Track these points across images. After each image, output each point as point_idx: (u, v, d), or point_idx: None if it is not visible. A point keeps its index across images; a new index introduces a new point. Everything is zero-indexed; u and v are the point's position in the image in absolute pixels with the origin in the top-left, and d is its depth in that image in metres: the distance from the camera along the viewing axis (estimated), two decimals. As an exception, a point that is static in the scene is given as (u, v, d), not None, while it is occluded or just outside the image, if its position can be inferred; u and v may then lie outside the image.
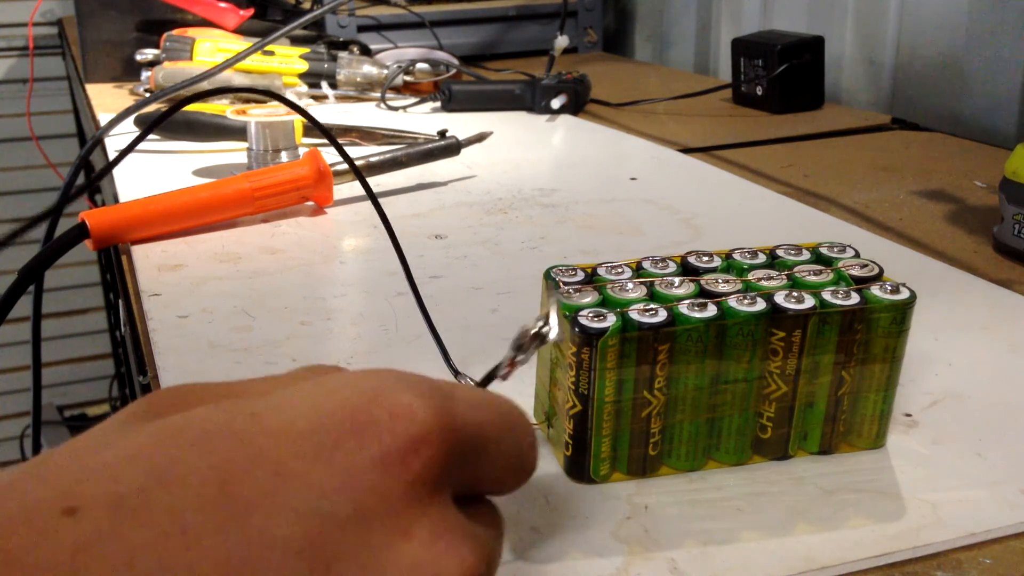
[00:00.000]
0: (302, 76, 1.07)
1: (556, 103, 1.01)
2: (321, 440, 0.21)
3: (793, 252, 0.39)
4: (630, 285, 0.36)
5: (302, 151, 0.74)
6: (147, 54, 1.08)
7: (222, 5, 1.14)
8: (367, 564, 0.20)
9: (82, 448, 0.21)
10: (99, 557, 0.18)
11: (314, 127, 0.62)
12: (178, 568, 0.19)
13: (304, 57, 1.07)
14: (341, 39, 1.18)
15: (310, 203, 0.69)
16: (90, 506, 0.19)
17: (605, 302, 0.35)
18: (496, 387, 0.40)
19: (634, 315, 0.33)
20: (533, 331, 0.30)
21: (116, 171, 0.79)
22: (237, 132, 0.80)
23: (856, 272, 0.37)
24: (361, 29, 1.35)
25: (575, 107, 1.02)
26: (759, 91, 1.04)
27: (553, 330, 0.30)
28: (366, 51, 1.16)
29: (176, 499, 0.19)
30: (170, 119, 0.81)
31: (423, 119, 1.00)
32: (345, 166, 0.69)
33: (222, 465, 0.20)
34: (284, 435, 0.21)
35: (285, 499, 0.20)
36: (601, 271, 0.37)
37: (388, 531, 0.21)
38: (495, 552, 0.23)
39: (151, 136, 0.86)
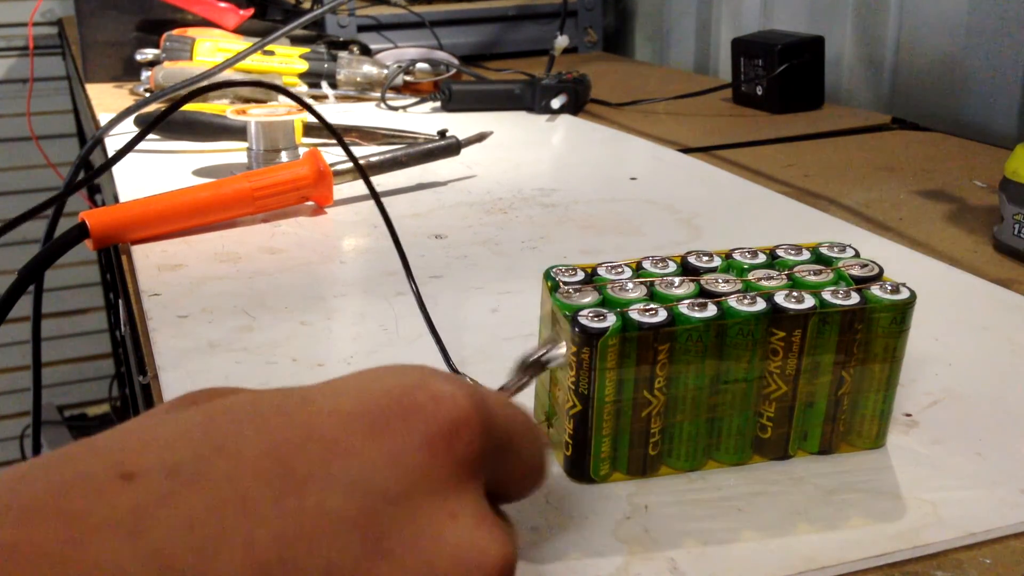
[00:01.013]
0: (302, 76, 1.07)
1: (556, 103, 1.01)
2: (371, 421, 0.21)
3: (793, 252, 0.39)
4: (630, 285, 0.36)
5: (302, 151, 0.74)
6: (147, 54, 1.08)
7: (222, 5, 1.14)
8: (416, 542, 0.21)
9: (130, 427, 0.22)
10: (158, 519, 0.19)
11: (319, 122, 0.62)
12: (237, 536, 0.19)
13: (304, 57, 1.07)
14: (341, 39, 1.18)
15: (310, 203, 0.69)
16: (147, 472, 0.19)
17: (605, 302, 0.35)
18: (497, 384, 0.40)
19: (634, 315, 0.33)
20: (535, 357, 0.31)
21: (116, 171, 0.79)
22: (237, 132, 0.80)
23: (856, 272, 0.37)
24: (361, 29, 1.35)
25: (575, 107, 1.02)
26: (759, 91, 1.04)
27: (558, 358, 0.31)
28: (366, 51, 1.16)
29: (234, 468, 0.20)
30: (170, 119, 0.81)
31: (423, 119, 1.00)
32: (345, 166, 0.69)
33: (277, 440, 0.21)
34: (335, 415, 0.22)
35: (339, 474, 0.20)
36: (601, 271, 0.37)
37: (435, 511, 0.21)
38: (517, 549, 0.24)
39: (151, 136, 0.86)
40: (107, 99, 1.10)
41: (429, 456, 0.21)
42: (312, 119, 0.84)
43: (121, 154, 0.60)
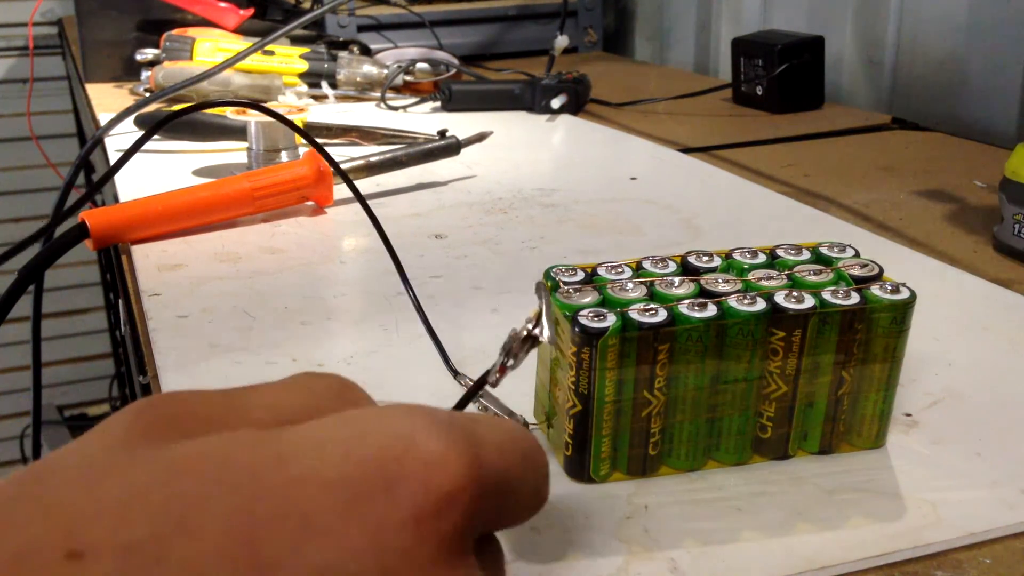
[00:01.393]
0: (302, 76, 1.07)
1: (556, 103, 1.01)
2: (352, 493, 0.19)
3: (793, 252, 0.39)
4: (630, 285, 0.36)
5: (302, 151, 0.74)
6: (147, 54, 1.08)
7: (222, 5, 1.14)
8: None
9: (83, 473, 0.19)
10: None
11: (300, 134, 0.62)
12: None
13: (304, 57, 1.07)
14: (341, 39, 1.18)
15: (310, 203, 0.69)
16: (97, 551, 0.17)
17: (605, 302, 0.35)
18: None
19: (634, 315, 0.33)
20: (523, 335, 0.29)
21: (116, 171, 0.79)
22: (237, 132, 0.80)
23: (856, 272, 0.37)
24: (361, 29, 1.35)
25: (575, 107, 1.02)
26: (759, 91, 1.04)
27: (544, 332, 0.29)
28: (366, 51, 1.16)
29: (195, 550, 0.18)
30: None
31: (423, 119, 1.00)
32: (345, 166, 0.69)
33: (245, 514, 0.18)
34: (313, 484, 0.19)
35: (312, 558, 0.18)
36: (601, 271, 0.37)
37: None
38: None
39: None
40: (107, 99, 1.10)
41: (414, 536, 0.19)
42: (312, 119, 0.85)
43: (122, 161, 0.60)
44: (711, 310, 0.34)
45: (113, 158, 0.82)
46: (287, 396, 0.23)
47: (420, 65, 1.10)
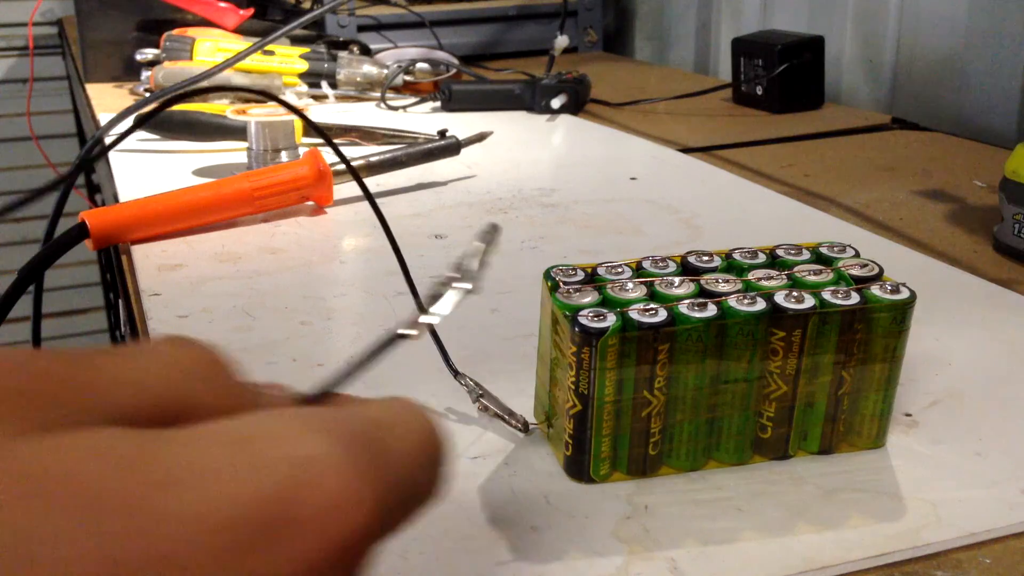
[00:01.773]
0: (302, 76, 1.07)
1: (556, 103, 1.01)
2: (239, 538, 0.17)
3: (793, 252, 0.39)
4: (630, 285, 0.36)
5: (302, 151, 0.74)
6: (147, 54, 1.08)
7: (222, 5, 1.14)
8: None
9: None
10: None
11: (311, 128, 0.62)
12: None
13: (304, 57, 1.07)
14: (341, 39, 1.18)
15: (310, 203, 0.69)
16: None
17: (605, 302, 0.35)
18: (497, 384, 0.40)
19: (634, 315, 0.33)
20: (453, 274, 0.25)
21: (116, 171, 0.79)
22: (237, 132, 0.80)
23: (856, 272, 0.37)
24: (361, 29, 1.35)
25: (575, 107, 1.02)
26: (759, 91, 1.04)
27: (470, 274, 0.25)
28: (366, 51, 1.16)
29: None
30: (170, 118, 0.81)
31: (423, 119, 1.00)
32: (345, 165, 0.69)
33: (115, 555, 0.16)
34: (195, 525, 0.17)
35: None
36: (601, 271, 0.37)
37: None
38: None
39: (152, 136, 0.86)
40: (107, 99, 1.10)
41: None
42: (312, 119, 0.85)
43: (115, 142, 0.60)
44: (711, 310, 0.34)
45: (113, 158, 0.82)
46: (153, 373, 0.20)
47: (420, 65, 1.10)
